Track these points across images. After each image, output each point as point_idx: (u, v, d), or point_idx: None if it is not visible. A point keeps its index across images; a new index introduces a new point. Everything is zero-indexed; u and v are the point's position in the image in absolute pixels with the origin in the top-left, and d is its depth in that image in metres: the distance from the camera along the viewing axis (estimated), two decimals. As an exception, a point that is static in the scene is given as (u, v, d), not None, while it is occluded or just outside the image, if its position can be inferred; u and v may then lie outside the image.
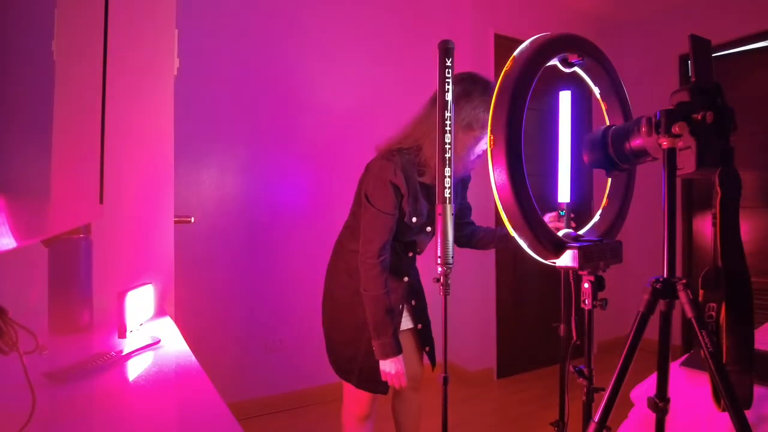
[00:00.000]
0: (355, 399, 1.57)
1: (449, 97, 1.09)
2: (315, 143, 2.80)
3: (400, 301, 1.52)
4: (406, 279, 1.55)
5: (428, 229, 1.53)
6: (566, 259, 0.95)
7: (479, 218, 1.79)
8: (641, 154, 0.89)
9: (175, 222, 1.58)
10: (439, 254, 1.09)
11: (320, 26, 2.81)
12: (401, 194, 1.42)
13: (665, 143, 0.79)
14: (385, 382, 1.45)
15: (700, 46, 0.82)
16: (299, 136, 2.76)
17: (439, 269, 1.10)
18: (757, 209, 3.15)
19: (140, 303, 1.22)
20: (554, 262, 0.97)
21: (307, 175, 2.79)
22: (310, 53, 2.78)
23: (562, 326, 1.54)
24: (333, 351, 1.59)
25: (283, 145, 2.71)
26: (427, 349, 1.61)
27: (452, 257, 1.10)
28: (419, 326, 1.60)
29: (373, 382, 1.49)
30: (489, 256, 3.17)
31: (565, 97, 1.12)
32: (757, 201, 3.15)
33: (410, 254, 1.58)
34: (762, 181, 3.14)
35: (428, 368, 1.67)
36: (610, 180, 1.12)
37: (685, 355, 1.51)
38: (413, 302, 1.59)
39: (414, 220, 1.45)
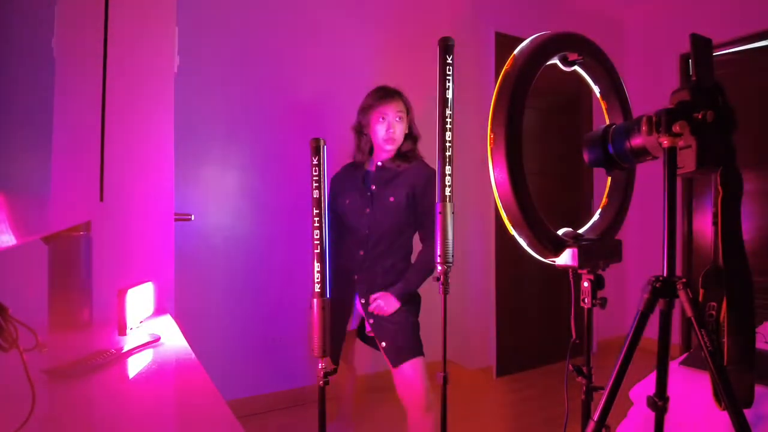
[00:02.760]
0: None
1: (449, 94, 1.09)
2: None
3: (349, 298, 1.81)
4: (355, 276, 1.76)
5: (366, 210, 1.76)
6: (566, 258, 0.95)
7: (479, 217, 1.79)
8: (641, 153, 0.89)
9: (175, 219, 1.58)
10: (438, 253, 1.09)
11: (320, 25, 2.80)
12: (332, 190, 1.94)
13: (666, 142, 0.79)
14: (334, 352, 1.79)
15: (701, 46, 0.82)
16: (299, 133, 2.75)
17: (439, 268, 1.10)
18: (757, 208, 3.15)
19: (140, 300, 1.22)
20: (554, 261, 0.97)
21: (307, 173, 2.79)
22: (311, 51, 2.77)
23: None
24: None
25: (283, 143, 2.71)
26: (383, 344, 1.69)
27: (452, 256, 1.10)
28: (371, 321, 1.73)
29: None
30: (489, 255, 3.17)
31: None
32: (758, 200, 3.15)
33: (360, 253, 1.78)
34: (762, 180, 3.14)
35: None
36: (610, 179, 1.12)
37: (685, 354, 1.51)
38: (362, 300, 1.76)
39: (347, 201, 1.83)
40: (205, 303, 2.49)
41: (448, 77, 1.09)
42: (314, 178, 1.16)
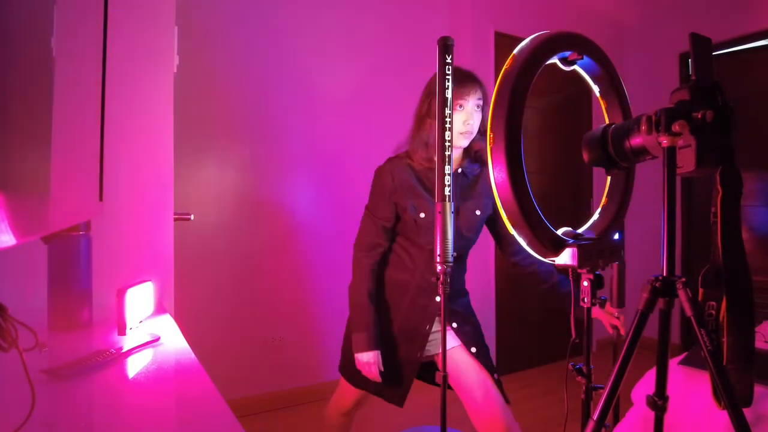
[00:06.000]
0: (343, 394, 1.62)
1: (449, 94, 1.09)
2: (315, 140, 2.80)
3: (426, 321, 1.48)
4: (437, 299, 1.45)
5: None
6: (565, 257, 0.95)
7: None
8: (641, 153, 0.89)
9: (175, 219, 1.58)
10: (438, 252, 1.09)
11: (320, 23, 2.80)
12: (391, 188, 1.46)
13: (665, 142, 0.79)
14: (401, 392, 1.49)
15: (701, 45, 0.82)
16: (299, 133, 2.76)
17: (439, 267, 1.10)
18: (757, 208, 3.15)
19: (140, 300, 1.22)
20: (553, 260, 0.97)
21: (306, 172, 2.79)
22: (310, 50, 2.77)
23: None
24: (346, 355, 1.57)
25: (283, 142, 2.71)
26: (496, 376, 1.46)
27: (452, 255, 1.10)
28: (473, 350, 1.46)
29: (388, 391, 1.50)
30: (488, 255, 3.17)
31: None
32: (757, 200, 3.15)
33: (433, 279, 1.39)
34: (762, 179, 3.14)
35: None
36: (609, 178, 1.12)
37: (684, 354, 1.51)
38: (454, 324, 1.48)
39: (422, 215, 1.44)
40: (205, 303, 2.49)
41: (447, 77, 1.08)
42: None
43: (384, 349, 1.47)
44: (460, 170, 1.49)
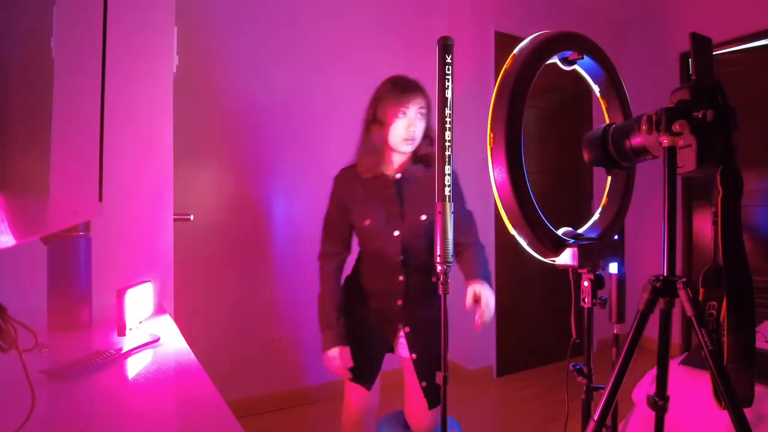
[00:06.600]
0: (346, 400, 1.61)
1: (449, 94, 1.09)
2: (314, 141, 2.80)
3: (395, 321, 1.55)
4: (399, 302, 1.52)
5: (395, 233, 1.48)
6: (566, 258, 0.95)
7: (479, 217, 1.77)
8: (641, 153, 0.89)
9: (175, 220, 1.58)
10: (438, 252, 1.09)
11: (320, 23, 2.80)
12: (340, 196, 1.55)
13: (666, 141, 0.79)
14: (360, 375, 1.53)
15: (701, 44, 0.82)
16: (299, 133, 2.75)
17: (439, 267, 1.10)
18: (757, 207, 3.15)
19: (139, 301, 1.22)
20: (554, 261, 0.97)
21: (306, 173, 2.79)
22: (310, 50, 2.77)
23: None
24: None
25: (282, 143, 2.71)
26: (423, 384, 1.50)
27: (452, 256, 1.10)
28: (413, 356, 1.51)
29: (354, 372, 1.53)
30: (489, 255, 3.16)
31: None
32: (758, 199, 3.15)
33: (400, 278, 1.51)
34: (762, 179, 3.14)
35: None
36: (609, 178, 1.12)
37: (685, 354, 1.51)
38: (406, 329, 1.53)
39: (366, 222, 1.49)
40: (205, 303, 2.49)
41: (447, 77, 1.08)
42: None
43: (354, 344, 1.51)
44: (399, 176, 1.51)
